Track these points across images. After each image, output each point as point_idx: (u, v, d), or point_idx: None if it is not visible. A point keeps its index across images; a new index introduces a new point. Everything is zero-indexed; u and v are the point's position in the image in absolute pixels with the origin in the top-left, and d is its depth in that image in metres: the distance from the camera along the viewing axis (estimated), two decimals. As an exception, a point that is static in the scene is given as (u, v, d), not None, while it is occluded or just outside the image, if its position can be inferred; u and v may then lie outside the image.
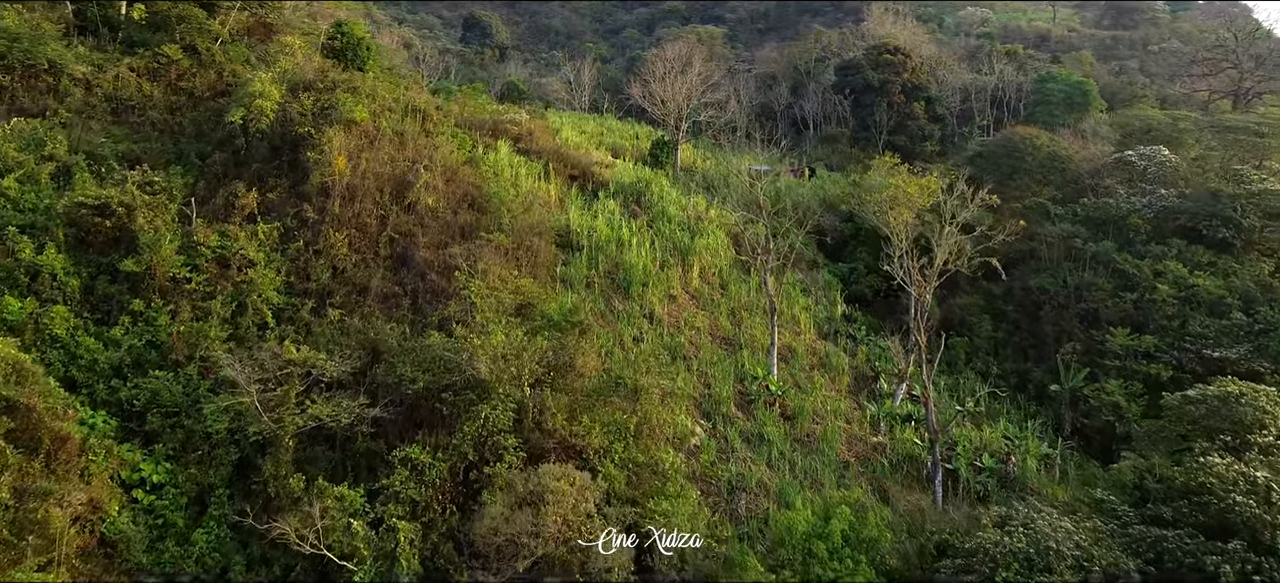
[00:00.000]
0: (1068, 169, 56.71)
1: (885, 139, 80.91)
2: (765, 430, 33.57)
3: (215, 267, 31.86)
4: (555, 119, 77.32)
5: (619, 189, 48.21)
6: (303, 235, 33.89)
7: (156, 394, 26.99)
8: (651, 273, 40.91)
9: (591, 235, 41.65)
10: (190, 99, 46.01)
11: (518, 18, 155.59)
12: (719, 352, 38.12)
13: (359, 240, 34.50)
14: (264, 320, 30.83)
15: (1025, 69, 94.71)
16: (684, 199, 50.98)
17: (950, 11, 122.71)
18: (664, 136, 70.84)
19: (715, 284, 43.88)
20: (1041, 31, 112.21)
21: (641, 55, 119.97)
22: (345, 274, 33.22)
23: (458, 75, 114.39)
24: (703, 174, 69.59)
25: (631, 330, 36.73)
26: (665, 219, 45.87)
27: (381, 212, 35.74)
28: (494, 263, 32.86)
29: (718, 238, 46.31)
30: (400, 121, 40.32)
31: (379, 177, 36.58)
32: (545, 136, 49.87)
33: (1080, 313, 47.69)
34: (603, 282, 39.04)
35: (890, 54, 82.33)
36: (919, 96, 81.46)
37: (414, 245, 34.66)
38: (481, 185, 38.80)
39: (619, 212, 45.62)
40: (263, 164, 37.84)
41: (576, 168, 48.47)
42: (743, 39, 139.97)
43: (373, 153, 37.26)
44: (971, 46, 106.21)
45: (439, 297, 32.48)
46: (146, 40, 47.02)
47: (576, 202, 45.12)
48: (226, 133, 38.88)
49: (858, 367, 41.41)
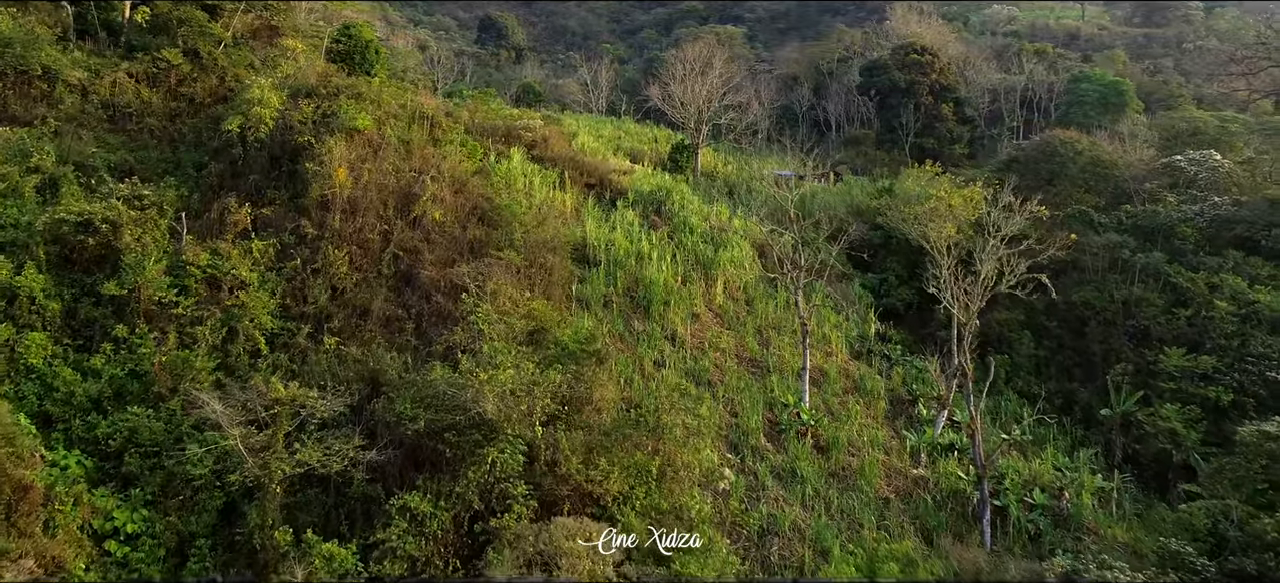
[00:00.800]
0: (1111, 175, 53.37)
1: (912, 141, 77.76)
2: (798, 465, 30.73)
3: (205, 288, 29.39)
4: (571, 123, 74.71)
5: (638, 198, 45.47)
6: (300, 253, 31.38)
7: (135, 432, 24.54)
8: (673, 289, 38.15)
9: (609, 249, 38.94)
10: (191, 106, 43.76)
11: (534, 19, 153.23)
12: (746, 376, 35.30)
13: (360, 258, 31.96)
14: (256, 347, 28.34)
15: (1056, 69, 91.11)
16: (706, 208, 48.17)
17: (975, 10, 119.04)
18: (684, 140, 68.09)
19: (741, 300, 41.05)
20: (1070, 29, 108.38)
21: (660, 56, 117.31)
22: (345, 295, 30.68)
23: (473, 77, 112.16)
24: (724, 180, 66.81)
25: (652, 353, 33.98)
26: (687, 230, 43.08)
27: (385, 227, 33.19)
28: (504, 283, 30.21)
29: (742, 250, 43.47)
30: (406, 129, 37.78)
31: (383, 189, 34.03)
32: (560, 143, 47.22)
33: (1129, 330, 44.47)
34: (621, 300, 36.33)
35: (917, 54, 79.08)
36: (947, 98, 78.17)
37: (419, 263, 32.08)
38: (492, 197, 36.17)
39: (638, 223, 42.88)
40: (261, 176, 35.42)
41: (593, 176, 45.78)
42: (762, 39, 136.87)
43: (376, 163, 34.71)
44: (999, 46, 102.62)
45: (445, 320, 29.87)
46: (147, 44, 44.80)
47: (593, 213, 42.41)
48: (223, 142, 36.52)
49: (894, 389, 38.45)
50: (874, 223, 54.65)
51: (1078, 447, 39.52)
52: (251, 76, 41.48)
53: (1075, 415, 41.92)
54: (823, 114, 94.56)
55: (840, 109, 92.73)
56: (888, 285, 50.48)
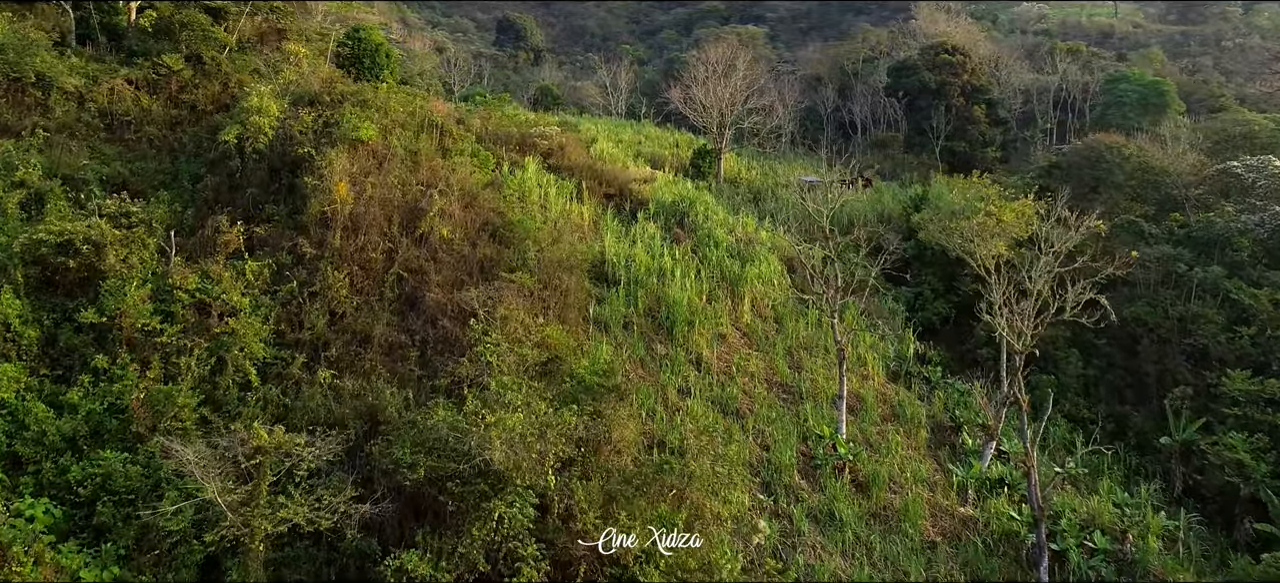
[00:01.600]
0: (1161, 182, 49.97)
1: (943, 144, 74.48)
2: (836, 506, 27.89)
3: (193, 314, 26.99)
4: (589, 127, 72.08)
5: (659, 209, 42.73)
6: (297, 274, 28.94)
7: (109, 478, 22.13)
8: (698, 309, 35.40)
9: (629, 266, 36.24)
10: (192, 113, 41.60)
11: (553, 19, 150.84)
12: (777, 404, 32.50)
13: (362, 279, 29.47)
14: (247, 379, 25.88)
15: (1090, 68, 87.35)
16: (731, 218, 45.34)
17: (1003, 9, 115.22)
18: (706, 145, 65.28)
19: (769, 319, 38.22)
20: (1103, 27, 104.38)
21: (680, 57, 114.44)
22: (344, 320, 28.20)
23: (490, 80, 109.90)
24: (748, 186, 63.89)
25: (676, 381, 31.26)
26: (712, 244, 40.28)
27: (389, 245, 30.70)
28: (516, 307, 27.59)
29: (771, 264, 40.62)
30: (414, 139, 35.30)
31: (387, 203, 31.54)
32: (577, 151, 44.59)
33: (1186, 350, 41.20)
34: (642, 321, 33.62)
35: (948, 53, 75.73)
36: (980, 99, 74.79)
37: (425, 285, 29.55)
38: (504, 212, 33.60)
39: (660, 236, 40.14)
40: (259, 189, 33.08)
41: (612, 185, 43.12)
42: (784, 39, 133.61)
43: (381, 176, 32.24)
44: (1029, 45, 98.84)
45: (452, 348, 27.31)
46: (148, 49, 42.68)
47: (612, 225, 39.72)
48: (220, 153, 34.25)
49: (935, 415, 35.50)
50: (908, 232, 51.76)
51: (1132, 476, 36.45)
52: (255, 82, 39.30)
53: (1129, 442, 38.73)
54: (848, 116, 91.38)
55: (866, 110, 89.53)
56: (923, 299, 47.46)
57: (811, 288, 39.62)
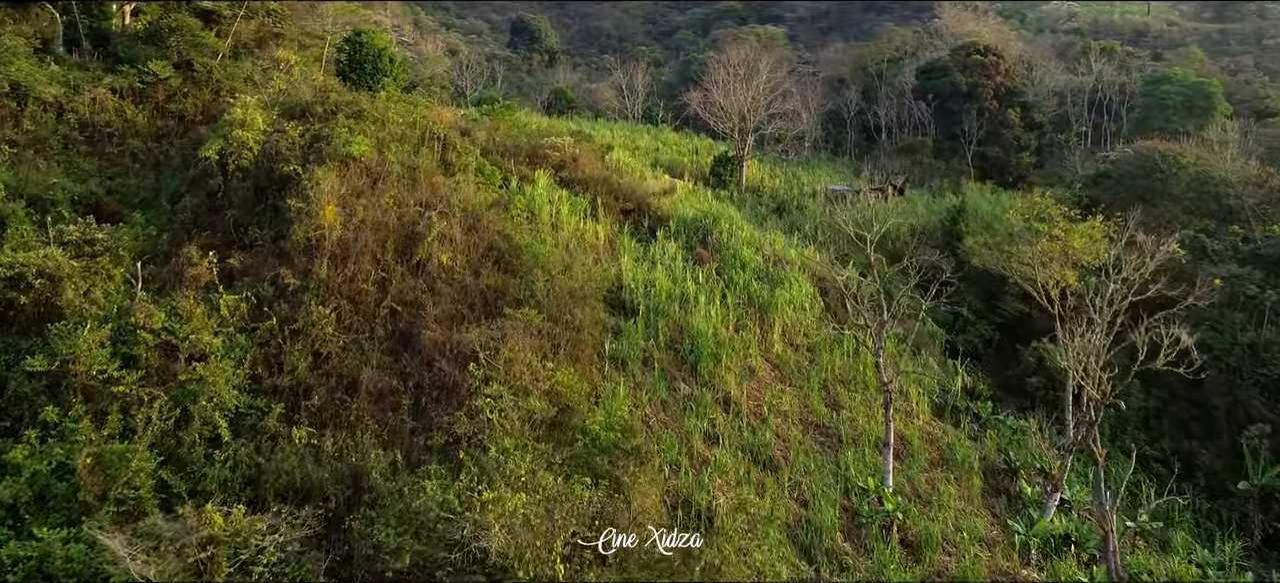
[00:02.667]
0: (1221, 193, 45.89)
1: (975, 150, 70.43)
2: (886, 574, 24.25)
3: (158, 357, 23.66)
4: (605, 132, 68.59)
5: (680, 226, 39.14)
6: (278, 309, 25.57)
7: (46, 561, 18.82)
8: (724, 340, 31.83)
9: (649, 292, 32.70)
10: (180, 124, 38.46)
11: (568, 21, 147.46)
12: (814, 449, 28.86)
13: (350, 314, 26.08)
14: (216, 434, 22.56)
15: (1127, 69, 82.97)
16: (758, 235, 41.68)
17: (1031, 8, 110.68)
18: (727, 151, 61.62)
19: (802, 348, 34.57)
20: (1137, 26, 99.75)
21: (697, 58, 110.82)
22: (329, 362, 24.79)
23: (504, 82, 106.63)
24: (772, 195, 60.22)
25: (702, 425, 27.67)
26: (738, 265, 36.67)
27: (382, 274, 27.29)
28: (522, 348, 24.12)
29: (802, 287, 36.93)
30: (413, 153, 31.92)
31: (380, 228, 28.14)
32: (592, 162, 41.06)
33: (1261, 381, 37.18)
34: (664, 356, 30.06)
35: (980, 54, 71.66)
36: (1014, 102, 70.67)
37: (421, 320, 26.11)
38: (511, 235, 30.14)
39: (681, 256, 36.57)
40: (242, 210, 29.79)
41: (630, 200, 39.57)
42: (804, 39, 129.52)
43: (374, 197, 28.84)
44: (1061, 44, 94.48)
45: (449, 395, 23.87)
46: (135, 56, 39.60)
47: (630, 246, 36.17)
48: (201, 171, 30.96)
49: (988, 458, 31.76)
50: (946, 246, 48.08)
51: (1203, 522, 32.63)
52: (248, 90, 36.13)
53: (1198, 483, 34.85)
54: (873, 119, 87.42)
55: (891, 113, 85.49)
56: (962, 320, 43.67)
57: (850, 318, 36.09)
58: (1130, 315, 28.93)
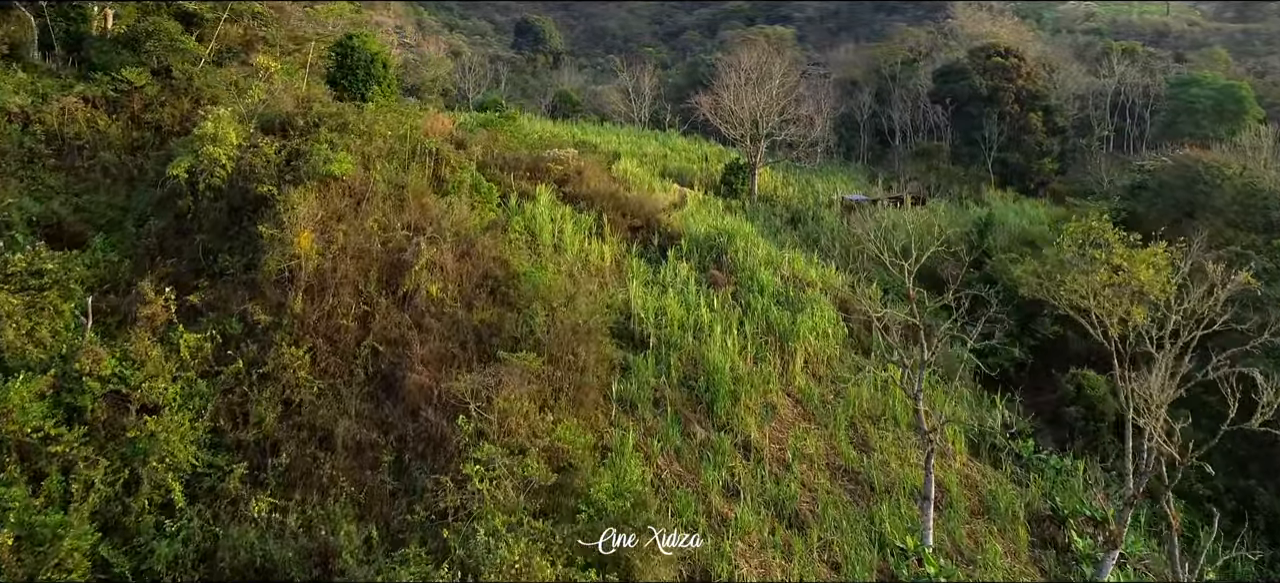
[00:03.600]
0: (1271, 206, 42.62)
1: (995, 155, 67.22)
2: (931, 654, 21.20)
3: (106, 408, 20.72)
4: (610, 138, 65.61)
5: (693, 244, 36.07)
6: (246, 350, 22.60)
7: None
8: (742, 374, 28.75)
9: (660, 321, 29.64)
10: (157, 135, 35.54)
11: (573, 21, 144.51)
12: (844, 500, 25.76)
13: (327, 355, 23.08)
14: (169, 498, 19.58)
15: (1150, 71, 79.64)
16: (776, 252, 38.57)
17: (1047, 8, 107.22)
18: (738, 159, 58.60)
19: (826, 380, 31.48)
20: (1157, 26, 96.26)
21: (705, 59, 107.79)
22: (301, 412, 21.80)
23: (508, 84, 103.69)
24: (785, 204, 57.13)
25: (720, 475, 24.61)
26: (756, 288, 33.59)
27: (364, 307, 24.29)
28: (518, 398, 21.10)
29: (824, 312, 33.84)
30: (401, 170, 28.91)
31: (363, 255, 25.13)
32: (597, 175, 38.00)
33: (1326, 414, 33.95)
34: (676, 395, 26.98)
35: (1001, 56, 68.42)
36: (1036, 105, 67.44)
37: (406, 361, 23.10)
38: (508, 260, 27.10)
39: (694, 279, 33.52)
40: (212, 235, 26.80)
41: (638, 216, 36.52)
42: (813, 40, 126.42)
43: (357, 220, 25.83)
44: (1079, 45, 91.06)
45: (436, 451, 20.86)
46: (110, 62, 36.76)
47: (639, 268, 33.12)
48: (169, 190, 27.99)
49: (1032, 504, 28.63)
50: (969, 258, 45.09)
51: (1265, 571, 29.53)
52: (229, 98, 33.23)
53: (1257, 527, 31.72)
54: (887, 122, 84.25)
55: (906, 117, 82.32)
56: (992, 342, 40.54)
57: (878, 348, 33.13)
58: (1202, 354, 25.79)
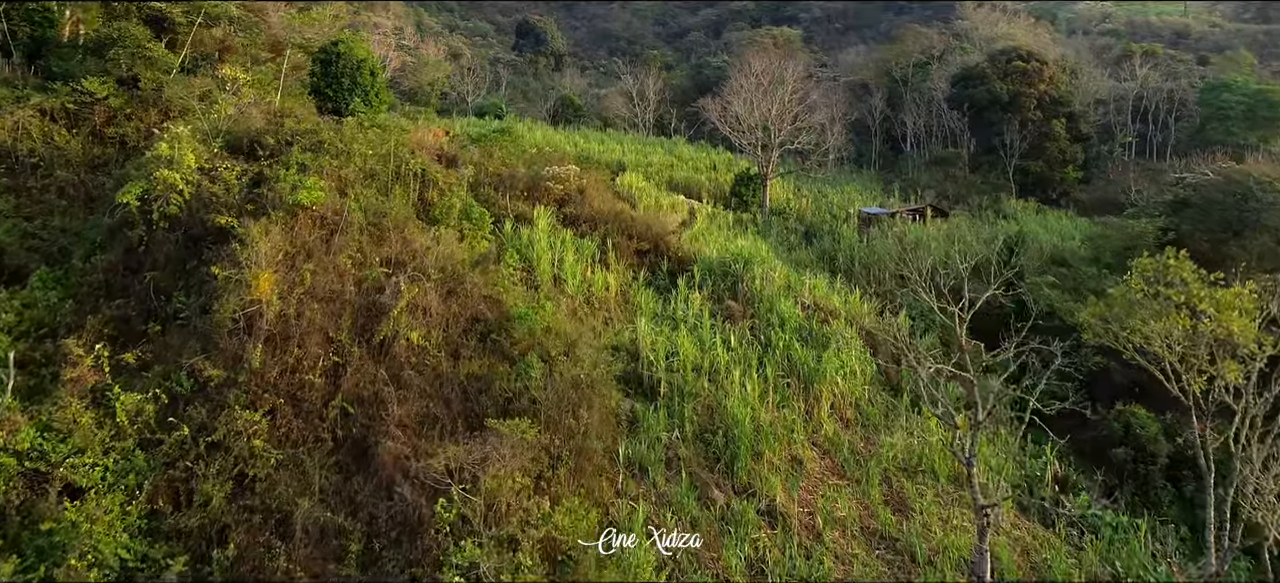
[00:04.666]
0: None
1: (1016, 164, 63.72)
2: None
3: (23, 488, 17.40)
4: (614, 146, 62.25)
5: (706, 271, 32.69)
6: (195, 412, 19.26)
7: None
8: (765, 423, 25.39)
9: (671, 364, 26.28)
10: (121, 152, 32.37)
11: (575, 22, 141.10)
12: (882, 573, 22.40)
13: (289, 418, 19.73)
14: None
15: (1174, 74, 76.10)
16: (795, 276, 35.19)
17: (1062, 7, 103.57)
18: (749, 169, 55.25)
19: (855, 425, 28.11)
20: (1177, 27, 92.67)
21: (710, 62, 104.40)
22: (255, 489, 18.44)
23: (509, 87, 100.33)
24: (799, 217, 53.81)
25: (744, 550, 21.25)
26: (777, 322, 30.22)
27: (334, 358, 20.94)
28: (509, 474, 17.76)
29: (851, 346, 30.47)
30: (382, 195, 25.55)
31: (335, 298, 21.78)
32: (601, 195, 34.62)
33: None
34: (692, 453, 23.62)
35: (1022, 60, 64.88)
36: (1059, 112, 63.91)
37: (381, 424, 19.74)
38: (501, 298, 23.74)
39: (707, 310, 30.16)
40: (166, 272, 23.48)
41: (645, 239, 33.15)
42: (820, 40, 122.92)
43: (329, 256, 22.48)
44: (1097, 47, 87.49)
45: (411, 540, 17.49)
46: (72, 71, 33.64)
47: (647, 299, 29.74)
48: (119, 219, 24.69)
49: (1092, 571, 25.22)
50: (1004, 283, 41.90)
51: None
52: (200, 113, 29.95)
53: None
54: (900, 128, 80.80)
55: (919, 122, 78.86)
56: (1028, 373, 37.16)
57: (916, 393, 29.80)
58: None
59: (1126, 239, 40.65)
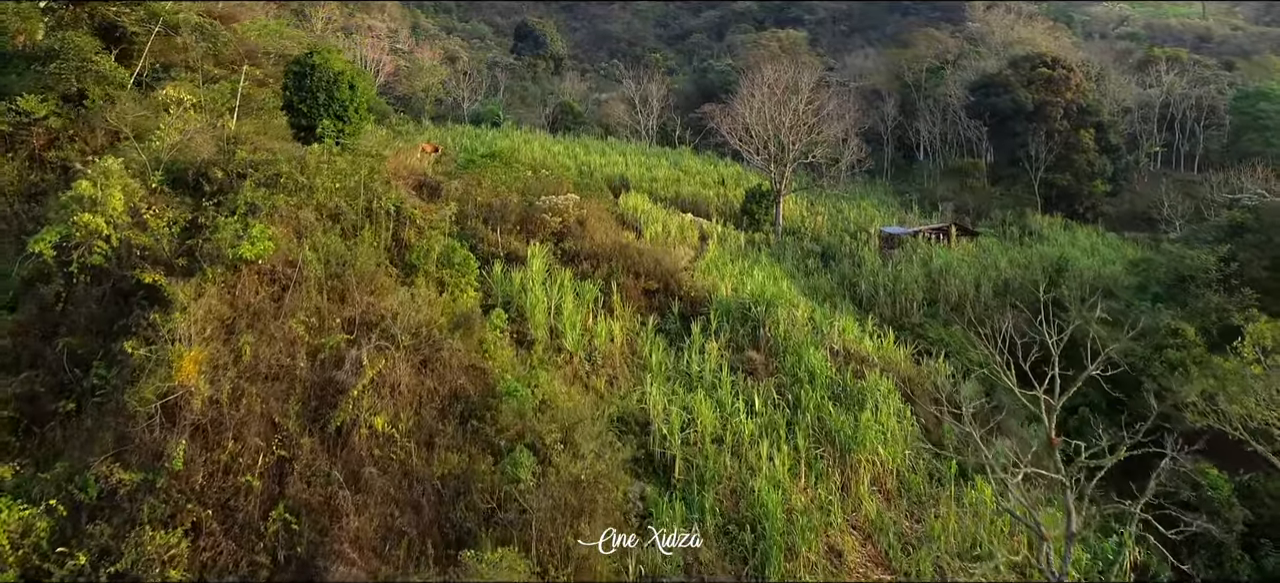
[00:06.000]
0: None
1: (1042, 176, 59.61)
2: None
3: None
4: (617, 158, 58.16)
5: (722, 314, 28.59)
6: (97, 528, 15.21)
7: None
8: (798, 508, 21.34)
9: (687, 434, 22.21)
10: (63, 179, 28.20)
11: (576, 24, 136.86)
12: (945, 707, 18.37)
13: (217, 536, 15.64)
14: None
15: (1202, 81, 71.98)
16: (821, 315, 31.14)
17: (1077, 9, 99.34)
18: (762, 185, 51.19)
19: (897, 499, 24.06)
20: (1198, 30, 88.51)
21: (715, 66, 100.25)
22: (169, 638, 14.41)
23: (507, 92, 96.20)
24: (814, 236, 49.74)
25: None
26: (804, 376, 26.13)
27: (279, 453, 16.85)
28: (491, 621, 13.66)
29: (888, 402, 26.37)
30: (347, 240, 21.44)
31: (281, 376, 17.69)
32: (603, 226, 30.50)
33: None
34: (713, 553, 19.53)
35: (1047, 67, 60.74)
36: (1086, 122, 59.79)
37: (332, 543, 15.66)
38: (486, 371, 19.66)
39: (726, 363, 26.08)
40: (87, 336, 19.37)
41: (654, 276, 29.05)
42: (825, 43, 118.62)
43: (277, 322, 18.38)
44: (1117, 51, 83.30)
45: (365, 710, 13.49)
46: (9, 86, 29.59)
47: (657, 352, 25.61)
48: (34, 270, 20.65)
49: (1179, 684, 21.25)
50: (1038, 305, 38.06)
51: None
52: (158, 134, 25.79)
53: None
54: (913, 136, 76.70)
55: (934, 130, 74.75)
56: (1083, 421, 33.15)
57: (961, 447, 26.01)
58: None
59: (1180, 269, 36.62)
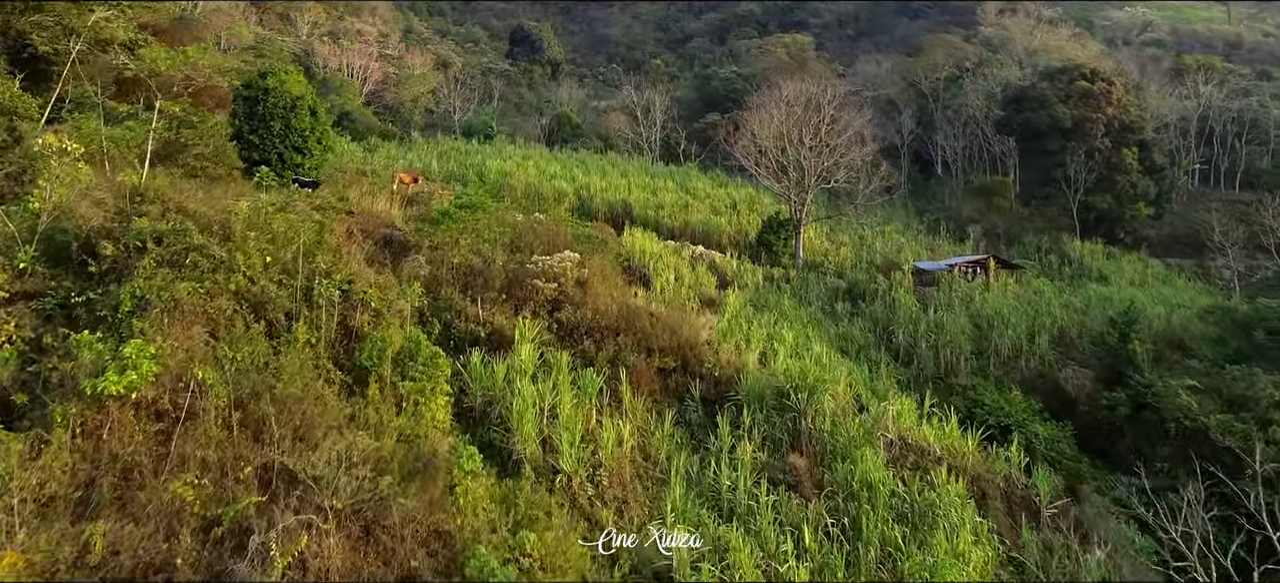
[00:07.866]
0: None
1: (1081, 198, 54.13)
2: None
3: None
4: (618, 180, 52.58)
5: (754, 401, 23.03)
6: None
7: None
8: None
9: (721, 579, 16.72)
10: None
11: (573, 27, 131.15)
12: None
13: None
14: None
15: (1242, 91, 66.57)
16: (871, 393, 25.61)
17: (1096, 9, 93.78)
18: (779, 213, 45.72)
19: (985, 662, 18.56)
20: (1227, 36, 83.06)
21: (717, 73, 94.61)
22: None
23: (501, 99, 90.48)
24: (838, 270, 44.27)
25: None
26: (862, 491, 20.57)
27: (143, 699, 11.28)
28: None
29: (965, 519, 20.83)
30: (272, 343, 15.84)
31: (151, 572, 12.10)
32: (608, 287, 24.87)
33: None
34: None
35: (1086, 79, 55.22)
36: (1129, 140, 54.33)
37: None
38: (453, 536, 14.06)
39: (763, 468, 20.56)
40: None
41: (669, 351, 23.49)
42: (831, 48, 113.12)
43: (156, 483, 12.78)
44: (1144, 59, 77.86)
45: None
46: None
47: (678, 462, 20.01)
48: None
49: None
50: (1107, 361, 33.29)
51: None
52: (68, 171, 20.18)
53: None
54: (932, 149, 71.21)
55: (955, 144, 69.24)
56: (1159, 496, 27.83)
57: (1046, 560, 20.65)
58: None
59: (1271, 324, 31.28)
